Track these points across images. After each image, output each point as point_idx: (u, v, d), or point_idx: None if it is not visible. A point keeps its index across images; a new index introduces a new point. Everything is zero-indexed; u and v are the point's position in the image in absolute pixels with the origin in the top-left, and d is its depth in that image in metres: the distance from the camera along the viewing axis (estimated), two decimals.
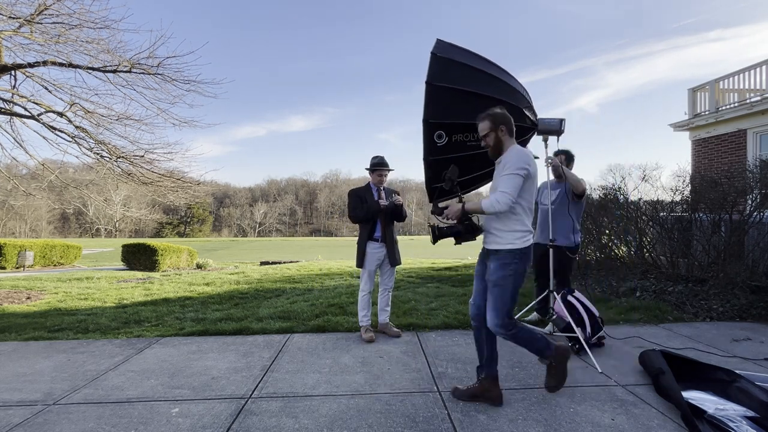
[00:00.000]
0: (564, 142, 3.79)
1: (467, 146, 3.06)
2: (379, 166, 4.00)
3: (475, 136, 3.05)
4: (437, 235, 2.61)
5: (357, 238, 4.03)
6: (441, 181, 3.19)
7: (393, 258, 3.97)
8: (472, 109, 3.06)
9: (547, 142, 3.58)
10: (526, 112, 3.21)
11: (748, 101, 9.61)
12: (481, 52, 3.30)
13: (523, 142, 3.30)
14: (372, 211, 3.87)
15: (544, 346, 2.48)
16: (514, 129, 2.65)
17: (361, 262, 3.93)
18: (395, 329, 3.99)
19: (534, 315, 4.20)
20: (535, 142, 3.56)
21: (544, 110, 3.37)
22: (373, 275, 3.95)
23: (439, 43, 3.21)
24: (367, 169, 4.08)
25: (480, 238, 2.65)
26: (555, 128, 3.39)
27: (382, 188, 4.02)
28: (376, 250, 3.91)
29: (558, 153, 3.98)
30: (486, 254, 2.59)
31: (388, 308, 4.04)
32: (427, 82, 3.00)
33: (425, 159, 3.08)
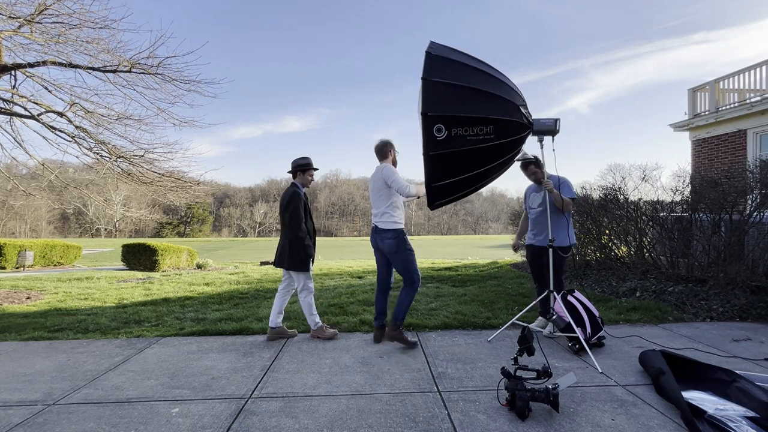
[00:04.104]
0: (560, 143, 3.80)
1: (467, 140, 3.05)
2: (311, 166, 3.94)
3: (474, 130, 3.04)
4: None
5: (302, 238, 3.73)
6: (441, 180, 3.19)
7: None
8: (470, 102, 3.07)
9: (543, 142, 3.58)
10: (522, 110, 3.22)
11: (748, 101, 9.61)
12: (472, 53, 3.33)
13: (519, 140, 3.31)
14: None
15: None
16: None
17: (308, 265, 3.78)
18: (290, 330, 3.99)
19: (540, 320, 4.05)
20: (531, 142, 3.56)
21: (537, 111, 3.39)
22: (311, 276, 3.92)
23: (433, 44, 3.23)
24: (291, 171, 3.97)
25: None
26: (550, 128, 3.39)
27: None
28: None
29: (528, 162, 3.93)
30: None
31: (283, 312, 4.05)
32: (423, 78, 3.01)
33: (425, 154, 3.07)
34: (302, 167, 3.93)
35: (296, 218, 3.74)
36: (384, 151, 3.79)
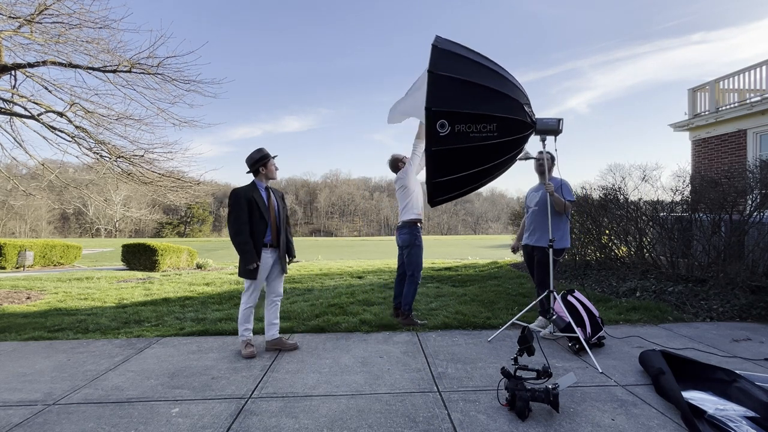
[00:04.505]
0: (560, 143, 3.80)
1: (470, 137, 3.04)
2: (267, 158, 3.48)
3: (478, 127, 3.04)
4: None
5: (238, 244, 3.34)
6: (443, 176, 3.19)
7: (283, 265, 3.58)
8: (474, 99, 3.05)
9: (545, 142, 3.58)
10: (526, 109, 3.21)
11: (748, 101, 9.61)
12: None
13: (523, 139, 3.30)
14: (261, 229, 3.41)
15: None
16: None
17: (250, 273, 3.34)
18: (290, 342, 3.65)
19: (540, 320, 4.05)
20: (533, 141, 3.56)
21: (536, 111, 3.39)
22: (260, 286, 3.49)
23: (439, 38, 3.21)
24: (249, 172, 3.55)
25: None
26: (553, 127, 3.39)
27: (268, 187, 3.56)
28: (266, 258, 3.44)
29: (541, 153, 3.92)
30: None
31: (278, 321, 3.62)
32: (429, 71, 2.99)
33: (427, 149, 3.06)
34: (263, 161, 3.49)
35: (231, 222, 3.39)
36: (396, 165, 4.40)
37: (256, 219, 3.40)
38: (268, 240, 3.46)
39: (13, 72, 6.10)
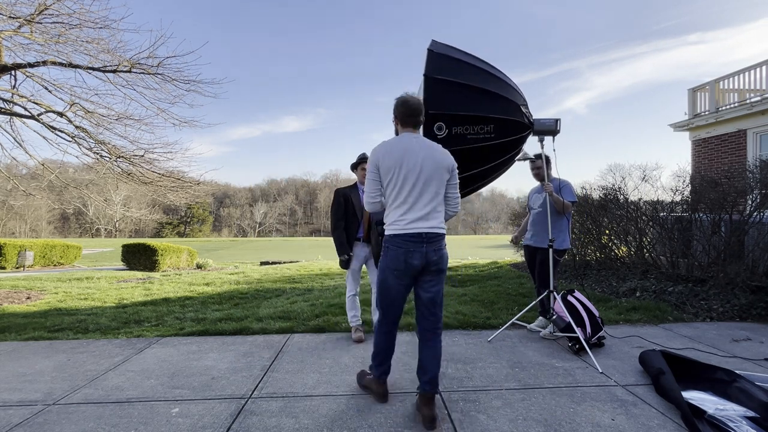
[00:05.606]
0: (558, 143, 3.80)
1: (467, 139, 3.06)
2: (361, 160, 3.81)
3: (475, 129, 3.05)
4: None
5: (334, 239, 3.80)
6: None
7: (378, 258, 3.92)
8: (471, 101, 3.07)
9: (543, 142, 3.58)
10: (523, 110, 3.23)
11: (748, 101, 9.61)
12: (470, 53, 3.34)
13: (520, 140, 3.32)
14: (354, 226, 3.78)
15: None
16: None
17: (343, 263, 3.78)
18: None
19: (540, 320, 4.06)
20: (531, 142, 3.57)
21: (534, 112, 3.42)
22: (357, 275, 3.89)
23: (435, 42, 3.23)
24: (353, 167, 3.93)
25: None
26: (551, 128, 3.39)
27: None
28: (358, 251, 3.82)
29: (538, 156, 3.94)
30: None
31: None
32: (425, 75, 3.01)
33: None
34: (360, 163, 3.83)
35: (331, 217, 3.89)
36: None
37: (350, 216, 3.78)
38: (360, 235, 3.80)
39: (13, 72, 6.11)
